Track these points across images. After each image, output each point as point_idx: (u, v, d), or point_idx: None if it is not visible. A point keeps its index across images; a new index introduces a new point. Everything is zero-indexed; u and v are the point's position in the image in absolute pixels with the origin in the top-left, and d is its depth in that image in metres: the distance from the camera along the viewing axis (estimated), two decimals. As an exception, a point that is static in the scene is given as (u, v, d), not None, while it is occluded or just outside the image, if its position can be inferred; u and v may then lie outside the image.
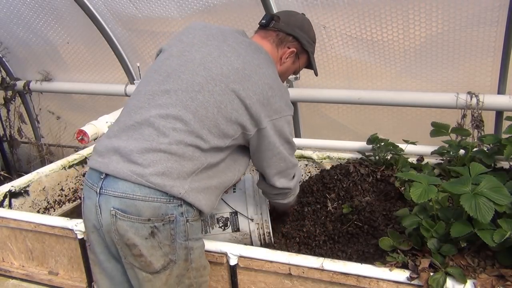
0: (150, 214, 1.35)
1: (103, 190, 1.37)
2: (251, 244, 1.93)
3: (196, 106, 1.39)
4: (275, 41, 1.63)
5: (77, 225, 1.90)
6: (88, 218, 1.45)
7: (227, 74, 1.42)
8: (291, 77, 1.82)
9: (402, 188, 2.03)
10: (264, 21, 1.65)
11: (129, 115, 1.45)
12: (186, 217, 1.40)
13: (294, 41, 1.64)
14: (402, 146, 2.28)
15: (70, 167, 2.71)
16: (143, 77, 1.57)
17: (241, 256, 1.63)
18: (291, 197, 1.79)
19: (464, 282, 1.35)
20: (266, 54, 1.56)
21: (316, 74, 1.78)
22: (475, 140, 2.37)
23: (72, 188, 2.73)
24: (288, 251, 1.66)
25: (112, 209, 1.35)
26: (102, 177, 1.38)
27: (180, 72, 1.44)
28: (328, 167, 2.45)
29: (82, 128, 2.51)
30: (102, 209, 1.37)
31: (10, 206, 2.35)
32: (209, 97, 1.40)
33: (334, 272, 1.50)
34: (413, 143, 2.31)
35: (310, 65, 1.75)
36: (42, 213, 2.51)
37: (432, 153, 2.21)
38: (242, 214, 1.91)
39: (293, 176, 1.70)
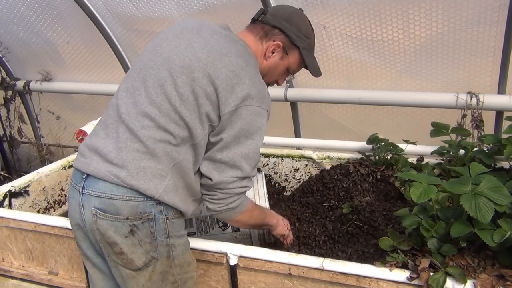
0: (128, 213, 1.36)
1: (85, 190, 1.40)
2: (251, 244, 1.93)
3: (161, 101, 1.37)
4: (259, 34, 1.53)
5: (77, 225, 1.90)
6: (72, 216, 1.48)
7: (188, 65, 1.38)
8: (287, 77, 1.69)
9: (402, 188, 2.03)
10: (255, 17, 1.58)
11: (108, 114, 1.48)
12: (165, 215, 1.41)
13: (280, 34, 1.52)
14: (402, 146, 2.28)
15: (70, 167, 2.71)
16: (125, 74, 1.58)
17: (241, 256, 1.63)
18: (219, 205, 1.46)
19: (464, 282, 1.35)
20: (244, 46, 1.47)
21: (314, 75, 1.64)
22: (475, 140, 2.37)
23: (72, 188, 2.72)
24: (288, 251, 1.66)
25: (93, 208, 1.37)
26: (84, 177, 1.40)
27: (149, 68, 1.43)
28: (328, 167, 2.45)
29: (82, 128, 2.51)
30: (84, 208, 1.40)
31: (10, 206, 2.35)
32: (171, 90, 1.37)
33: (334, 272, 1.50)
34: (413, 143, 2.31)
35: (304, 64, 1.64)
36: (42, 213, 2.51)
37: (432, 153, 2.21)
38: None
39: (228, 177, 1.42)
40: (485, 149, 2.09)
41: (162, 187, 1.37)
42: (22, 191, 2.43)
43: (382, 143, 2.28)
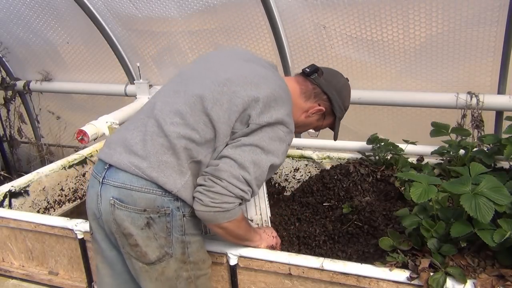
0: (145, 205, 1.39)
1: (105, 180, 1.43)
2: (251, 244, 1.93)
3: (195, 101, 1.43)
4: (307, 92, 1.61)
5: (77, 225, 1.90)
6: (89, 206, 1.50)
7: (232, 79, 1.47)
8: (310, 131, 1.81)
9: (402, 188, 2.03)
10: (308, 70, 1.64)
11: (142, 110, 1.55)
12: (182, 212, 1.42)
13: (327, 101, 1.63)
14: (402, 146, 2.28)
15: (70, 167, 2.71)
16: (168, 80, 1.67)
17: (241, 256, 1.63)
18: (213, 202, 1.35)
19: (464, 282, 1.35)
20: (286, 86, 1.55)
21: (335, 139, 1.76)
22: (475, 140, 2.37)
23: (72, 188, 2.72)
24: (288, 251, 1.66)
25: (111, 198, 1.40)
26: (106, 167, 1.44)
27: (194, 77, 1.52)
28: (328, 167, 2.45)
29: (82, 128, 2.51)
30: (102, 198, 1.43)
31: (10, 206, 2.35)
32: (208, 94, 1.44)
33: (334, 272, 1.50)
34: (413, 143, 2.31)
35: (332, 127, 1.76)
36: (42, 213, 2.51)
37: (432, 153, 2.21)
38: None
39: (233, 171, 1.36)
40: (485, 149, 2.09)
41: (182, 183, 1.39)
42: (22, 191, 2.43)
43: (382, 143, 2.28)
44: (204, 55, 1.70)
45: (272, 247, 1.68)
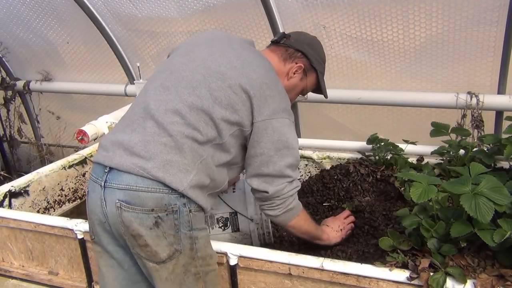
0: (153, 204, 1.38)
1: (107, 184, 1.41)
2: (251, 244, 1.93)
3: (193, 100, 1.43)
4: (283, 55, 1.65)
5: (77, 225, 1.90)
6: (93, 211, 1.48)
7: (224, 71, 1.46)
8: (299, 97, 1.82)
9: (402, 188, 2.03)
10: (276, 38, 1.69)
11: (133, 110, 1.52)
12: (189, 208, 1.43)
13: (303, 57, 1.66)
14: (402, 146, 2.28)
15: (70, 167, 2.71)
16: (151, 76, 1.64)
17: (241, 256, 1.64)
18: (278, 209, 1.56)
19: (464, 282, 1.35)
20: (269, 63, 1.58)
21: (325, 96, 1.78)
22: (475, 140, 2.37)
23: (72, 188, 2.73)
24: (288, 251, 1.66)
25: (117, 201, 1.39)
26: (106, 170, 1.42)
27: (181, 70, 1.50)
28: (328, 167, 2.45)
29: (82, 128, 2.51)
30: (107, 202, 1.41)
31: (10, 206, 2.35)
32: (205, 92, 1.44)
33: (334, 272, 1.50)
34: (413, 143, 2.31)
35: (319, 88, 1.77)
36: (42, 213, 2.51)
37: (432, 153, 2.21)
38: (242, 214, 1.91)
39: (279, 185, 1.53)
40: (485, 149, 2.09)
41: (187, 181, 1.40)
42: (22, 191, 2.43)
43: (382, 143, 2.28)
44: (184, 43, 1.66)
45: (342, 239, 1.84)
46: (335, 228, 1.85)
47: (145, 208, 1.38)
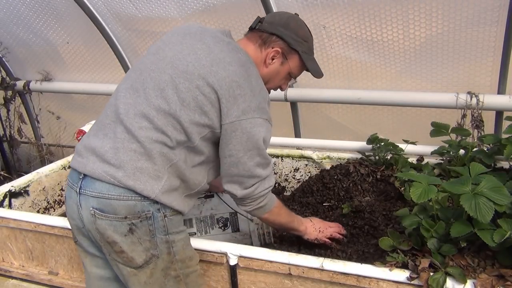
0: (126, 212, 1.37)
1: (82, 190, 1.40)
2: (251, 244, 1.93)
3: (160, 103, 1.39)
4: (258, 42, 1.55)
5: (77, 225, 1.90)
6: (71, 216, 1.48)
7: (192, 71, 1.40)
8: (290, 82, 1.71)
9: (402, 188, 2.03)
10: (252, 25, 1.60)
11: (106, 113, 1.48)
12: (163, 213, 1.41)
13: (278, 40, 1.54)
14: (402, 146, 2.28)
15: (70, 167, 2.70)
16: (125, 74, 1.59)
17: (241, 256, 1.63)
18: (250, 205, 1.57)
19: (464, 282, 1.35)
20: (245, 55, 1.50)
21: (315, 76, 1.64)
22: (475, 140, 2.37)
23: (72, 188, 2.72)
24: (288, 251, 1.66)
25: (91, 209, 1.38)
26: (81, 177, 1.41)
27: (150, 71, 1.45)
28: (328, 167, 2.45)
29: (82, 128, 2.51)
30: (82, 209, 1.41)
31: (10, 206, 2.35)
32: (172, 95, 1.39)
33: (334, 272, 1.50)
34: (413, 143, 2.30)
35: (305, 68, 1.65)
36: (42, 213, 2.51)
37: (432, 153, 2.21)
38: (242, 215, 1.91)
39: (249, 187, 1.52)
40: (485, 149, 2.08)
41: (159, 187, 1.38)
42: (22, 191, 2.43)
43: (382, 143, 2.28)
44: (160, 39, 1.57)
45: (316, 240, 1.81)
46: (316, 227, 1.81)
47: (118, 216, 1.37)
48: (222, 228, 1.91)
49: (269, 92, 1.61)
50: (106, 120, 1.46)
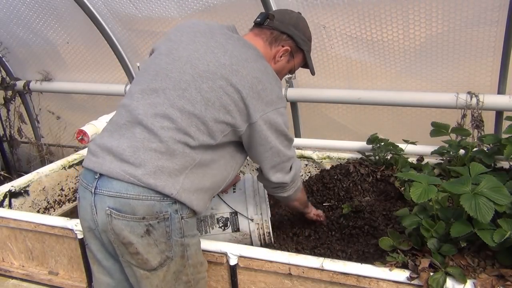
0: (144, 212, 1.36)
1: (98, 190, 1.38)
2: (251, 244, 1.93)
3: (183, 104, 1.39)
4: (269, 39, 1.60)
5: (77, 225, 1.90)
6: (83, 218, 1.46)
7: (213, 70, 1.41)
8: (287, 76, 1.78)
9: (402, 188, 2.03)
10: (259, 19, 1.62)
11: (120, 114, 1.47)
12: (180, 214, 1.41)
13: (289, 39, 1.62)
14: (402, 146, 2.28)
15: (70, 167, 2.71)
16: (135, 77, 1.58)
17: (241, 256, 1.64)
18: (291, 190, 1.70)
19: (464, 282, 1.35)
20: (255, 49, 1.53)
21: (312, 73, 1.75)
22: (475, 140, 2.37)
23: (72, 188, 2.73)
24: (288, 251, 1.66)
25: (107, 208, 1.36)
26: (97, 177, 1.39)
27: (167, 71, 1.44)
28: (328, 167, 2.45)
29: (82, 128, 2.51)
30: (97, 209, 1.39)
31: (10, 206, 2.35)
32: (196, 95, 1.40)
33: (334, 272, 1.50)
34: (413, 143, 2.31)
35: (306, 64, 1.74)
36: (42, 213, 2.51)
37: (432, 153, 2.21)
38: (242, 214, 1.91)
39: (290, 169, 1.63)
40: (485, 149, 2.09)
41: (179, 186, 1.38)
42: (22, 191, 2.43)
43: (382, 143, 2.28)
44: (165, 39, 1.56)
45: (317, 216, 2.05)
46: (312, 209, 2.05)
47: (136, 216, 1.35)
48: (222, 228, 1.91)
49: None
50: (121, 120, 1.44)
